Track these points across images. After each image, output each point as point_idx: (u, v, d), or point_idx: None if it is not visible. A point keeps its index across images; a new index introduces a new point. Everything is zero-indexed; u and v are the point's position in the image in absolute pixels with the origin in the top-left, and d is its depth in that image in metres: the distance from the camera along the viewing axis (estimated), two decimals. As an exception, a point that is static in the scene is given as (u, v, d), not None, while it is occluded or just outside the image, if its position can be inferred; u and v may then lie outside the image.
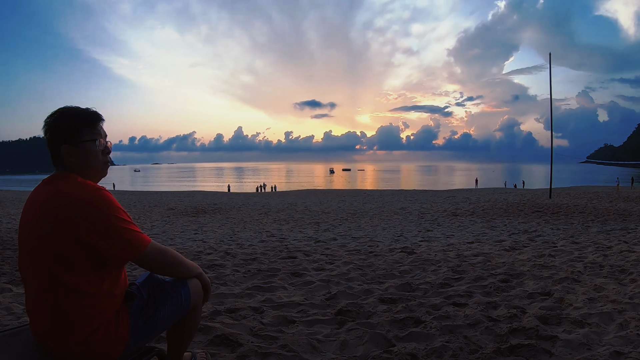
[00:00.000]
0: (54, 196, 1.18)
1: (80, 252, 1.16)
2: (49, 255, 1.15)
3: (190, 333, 1.56)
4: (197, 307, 1.53)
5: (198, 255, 4.58)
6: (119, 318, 1.27)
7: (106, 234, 1.17)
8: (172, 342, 1.56)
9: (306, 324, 2.35)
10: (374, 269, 3.78)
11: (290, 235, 6.97)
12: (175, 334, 1.54)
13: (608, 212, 10.26)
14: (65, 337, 1.18)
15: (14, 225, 8.17)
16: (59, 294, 1.16)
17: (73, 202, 1.15)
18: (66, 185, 1.20)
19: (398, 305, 2.65)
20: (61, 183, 1.21)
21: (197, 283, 1.49)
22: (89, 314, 1.19)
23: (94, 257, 1.18)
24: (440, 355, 1.91)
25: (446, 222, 9.35)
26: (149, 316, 1.34)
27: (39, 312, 1.21)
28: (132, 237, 1.22)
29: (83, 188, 1.18)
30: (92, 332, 1.20)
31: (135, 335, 1.30)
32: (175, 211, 14.11)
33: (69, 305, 1.17)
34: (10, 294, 2.96)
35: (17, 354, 1.24)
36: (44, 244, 1.16)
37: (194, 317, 1.53)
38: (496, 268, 3.72)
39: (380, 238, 6.35)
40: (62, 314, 1.17)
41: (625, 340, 2.02)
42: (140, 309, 1.33)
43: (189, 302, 1.45)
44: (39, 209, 1.19)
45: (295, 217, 11.49)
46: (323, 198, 21.69)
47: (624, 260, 3.88)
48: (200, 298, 1.51)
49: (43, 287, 1.18)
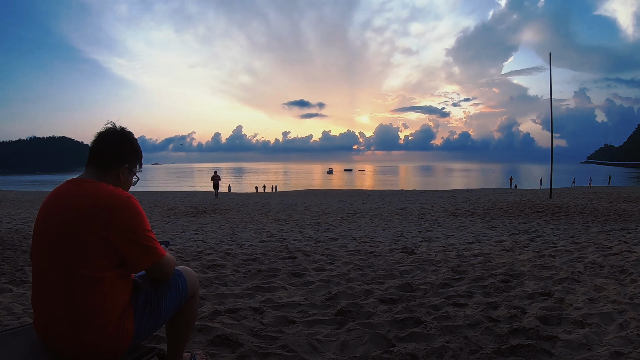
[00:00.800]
0: (88, 196, 1.23)
1: (102, 252, 1.21)
2: (71, 250, 1.19)
3: (189, 324, 1.59)
4: (194, 296, 1.59)
5: (198, 256, 4.58)
6: (127, 311, 1.31)
7: (132, 240, 1.24)
8: (172, 336, 1.59)
9: (306, 324, 2.35)
10: (374, 269, 3.78)
11: (290, 236, 6.97)
12: (174, 327, 1.57)
13: (608, 212, 10.25)
14: (78, 331, 1.21)
15: (14, 225, 8.17)
16: (76, 288, 1.20)
17: (106, 205, 1.22)
18: (99, 188, 1.26)
19: (398, 305, 2.65)
20: (93, 186, 1.27)
21: (190, 271, 1.58)
22: (103, 309, 1.23)
23: (115, 258, 1.24)
24: (441, 355, 1.91)
25: (446, 222, 9.34)
26: (152, 308, 1.39)
27: (52, 306, 1.23)
28: (153, 246, 1.30)
29: (117, 193, 1.26)
30: (104, 326, 1.24)
31: (142, 327, 1.36)
32: (176, 211, 14.11)
33: (85, 299, 1.21)
34: (10, 294, 2.96)
35: (17, 354, 1.24)
36: (68, 239, 1.20)
37: (191, 307, 1.58)
38: (496, 268, 3.72)
39: (381, 238, 6.35)
40: (77, 308, 1.21)
41: (625, 340, 2.02)
42: (145, 301, 1.38)
43: (186, 290, 1.52)
44: (68, 206, 1.23)
45: (296, 217, 11.48)
46: (323, 198, 21.70)
47: (624, 261, 3.88)
48: (195, 286, 1.58)
49: (60, 282, 1.21)
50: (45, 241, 1.23)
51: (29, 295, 2.90)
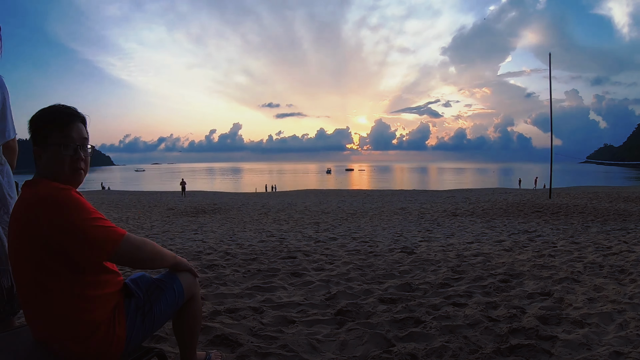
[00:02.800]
0: (24, 200, 1.16)
1: (52, 256, 1.12)
2: (29, 261, 1.13)
3: (193, 325, 1.57)
4: (194, 298, 1.53)
5: (198, 255, 4.58)
6: (116, 317, 1.27)
7: (71, 234, 1.10)
8: (180, 337, 1.57)
9: (306, 324, 2.35)
10: (373, 269, 3.78)
11: (290, 235, 6.97)
12: (179, 328, 1.55)
13: (608, 212, 10.26)
14: (63, 341, 1.19)
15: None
16: (46, 300, 1.15)
17: (36, 204, 1.11)
18: (34, 189, 1.15)
19: (398, 305, 2.65)
20: (32, 188, 1.16)
21: (187, 274, 1.50)
22: (82, 318, 1.19)
23: (68, 260, 1.13)
24: (440, 355, 1.91)
25: (446, 222, 9.35)
26: (145, 313, 1.33)
27: (32, 316, 1.21)
28: (100, 235, 1.14)
29: (47, 190, 1.12)
30: (89, 334, 1.20)
31: (134, 333, 1.31)
32: (175, 211, 14.11)
33: (60, 310, 1.16)
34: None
35: (17, 354, 1.24)
36: (21, 250, 1.15)
37: (193, 308, 1.54)
38: (496, 268, 3.72)
39: (380, 238, 6.35)
40: (55, 318, 1.17)
41: (625, 340, 2.02)
42: (136, 307, 1.33)
43: (183, 294, 1.45)
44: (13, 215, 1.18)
45: (295, 217, 11.48)
46: (323, 198, 21.69)
47: (623, 261, 3.88)
48: (195, 288, 1.52)
49: (33, 294, 1.17)
50: (11, 256, 1.19)
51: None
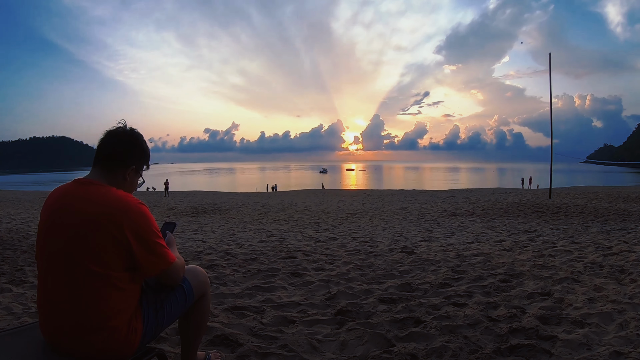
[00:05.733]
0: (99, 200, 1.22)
1: (118, 254, 1.20)
2: (87, 252, 1.18)
3: (198, 326, 1.60)
4: (204, 297, 1.58)
5: (198, 255, 4.58)
6: (136, 314, 1.32)
7: (145, 245, 1.24)
8: (184, 336, 1.60)
9: (306, 324, 2.35)
10: (373, 269, 3.78)
11: (290, 235, 6.97)
12: (184, 328, 1.58)
13: (608, 212, 10.26)
14: (88, 334, 1.21)
15: (14, 225, 8.16)
16: (87, 290, 1.19)
17: (118, 210, 1.21)
18: (109, 193, 1.25)
19: (398, 305, 2.65)
20: (103, 190, 1.25)
21: (198, 272, 1.56)
22: (115, 312, 1.23)
23: (127, 259, 1.23)
24: (440, 355, 1.91)
25: (446, 222, 9.34)
26: (157, 310, 1.38)
27: (61, 309, 1.21)
28: (162, 253, 1.29)
29: (128, 199, 1.26)
30: (115, 329, 1.23)
31: (149, 328, 1.36)
32: (175, 211, 14.12)
33: (97, 302, 1.20)
34: (10, 294, 2.95)
35: (17, 354, 1.24)
36: (83, 240, 1.18)
37: (200, 308, 1.57)
38: (496, 268, 3.72)
39: (380, 238, 6.35)
40: (87, 311, 1.20)
41: (625, 340, 2.02)
42: (149, 303, 1.38)
43: (192, 292, 1.50)
44: (77, 209, 1.21)
45: (295, 217, 11.48)
46: (323, 198, 21.69)
47: (623, 260, 3.88)
48: (204, 287, 1.57)
49: (71, 284, 1.19)
50: (54, 243, 1.21)
51: (28, 295, 2.90)
